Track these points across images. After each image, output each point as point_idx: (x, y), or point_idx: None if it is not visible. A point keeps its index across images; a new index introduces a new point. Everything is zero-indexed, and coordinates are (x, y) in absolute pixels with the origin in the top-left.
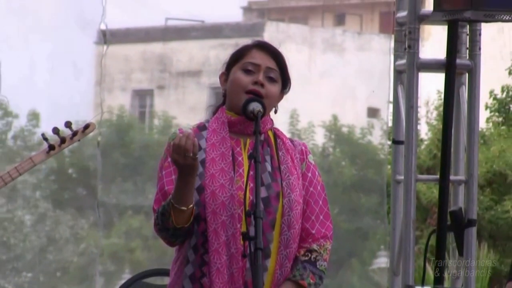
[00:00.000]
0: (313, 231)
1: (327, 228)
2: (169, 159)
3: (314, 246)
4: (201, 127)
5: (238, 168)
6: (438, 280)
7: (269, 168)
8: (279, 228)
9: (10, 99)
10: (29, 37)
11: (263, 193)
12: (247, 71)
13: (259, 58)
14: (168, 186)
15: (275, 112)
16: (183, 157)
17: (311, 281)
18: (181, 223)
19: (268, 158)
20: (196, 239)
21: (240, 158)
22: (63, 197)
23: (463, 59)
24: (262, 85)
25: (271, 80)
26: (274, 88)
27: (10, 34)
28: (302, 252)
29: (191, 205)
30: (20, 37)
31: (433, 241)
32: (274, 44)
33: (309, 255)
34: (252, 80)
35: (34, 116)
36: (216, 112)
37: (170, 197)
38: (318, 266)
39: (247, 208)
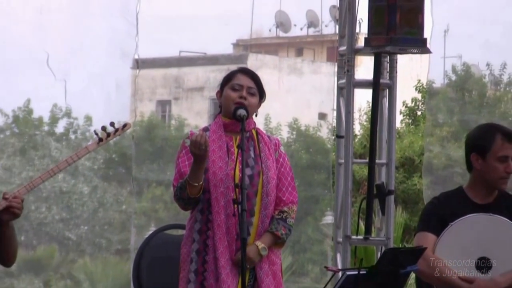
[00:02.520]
0: (284, 198)
1: (294, 196)
2: (184, 151)
3: (285, 208)
4: (205, 129)
5: (230, 155)
6: (368, 231)
7: (252, 155)
8: (260, 195)
9: (72, 106)
10: (86, 63)
11: (248, 171)
12: (234, 90)
13: (242, 80)
14: (184, 169)
15: (256, 115)
16: (198, 149)
17: (283, 232)
18: (193, 194)
19: (252, 148)
20: (202, 204)
21: (232, 149)
22: (109, 174)
23: (384, 79)
24: (245, 98)
25: (251, 94)
26: (254, 100)
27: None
28: (276, 212)
29: (201, 182)
30: (79, 63)
31: (363, 205)
32: (253, 69)
33: (281, 214)
34: (239, 95)
35: (88, 119)
36: (216, 117)
37: (187, 177)
38: (287, 222)
39: (236, 181)
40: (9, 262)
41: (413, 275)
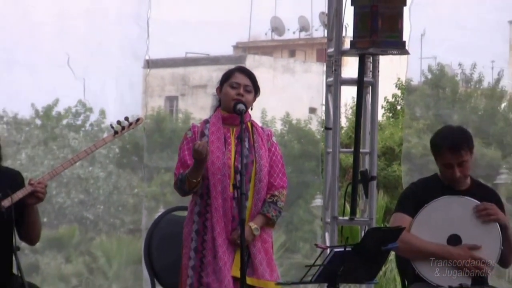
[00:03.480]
0: (275, 183)
1: (284, 181)
2: (185, 142)
3: (276, 193)
4: (206, 121)
5: (228, 146)
6: (353, 212)
7: (247, 145)
8: (253, 182)
9: (90, 102)
10: (102, 63)
11: (244, 160)
12: (233, 87)
13: (240, 78)
14: (185, 159)
15: (251, 109)
16: (199, 156)
17: (273, 214)
18: (191, 188)
19: (246, 139)
20: (201, 190)
21: (229, 140)
22: (123, 162)
23: (368, 77)
24: (242, 95)
25: (248, 91)
26: (250, 96)
27: (91, 62)
28: (268, 196)
29: (199, 179)
30: (96, 63)
31: (349, 189)
32: (251, 68)
33: (273, 198)
34: (236, 92)
35: (102, 113)
36: (215, 111)
37: (187, 173)
38: (278, 205)
39: (235, 164)
40: (34, 241)
41: (393, 252)
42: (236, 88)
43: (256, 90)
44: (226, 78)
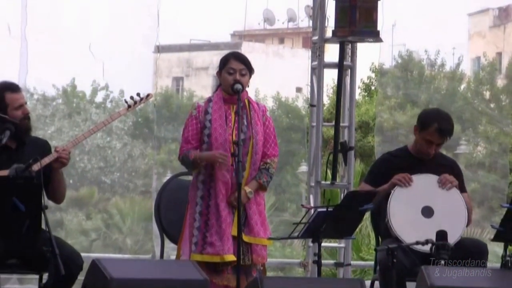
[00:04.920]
0: (268, 153)
1: (275, 151)
2: (190, 119)
3: (268, 160)
4: (209, 99)
5: (228, 122)
6: (333, 177)
7: (245, 122)
8: (250, 154)
9: (109, 82)
10: (119, 48)
11: (242, 136)
12: (230, 73)
13: (235, 64)
14: (188, 138)
15: (248, 86)
16: (214, 163)
17: (264, 179)
18: (197, 168)
19: (244, 116)
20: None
21: (230, 117)
22: (136, 133)
23: (347, 62)
24: (238, 80)
25: (243, 75)
26: (245, 79)
27: (110, 48)
28: (261, 163)
29: (203, 164)
30: (114, 49)
31: (330, 157)
32: (245, 53)
33: (265, 165)
34: (233, 78)
35: (121, 92)
36: (217, 90)
37: (195, 156)
38: (269, 171)
39: (234, 139)
40: (59, 200)
41: (368, 213)
42: (233, 74)
43: (250, 71)
44: (224, 64)
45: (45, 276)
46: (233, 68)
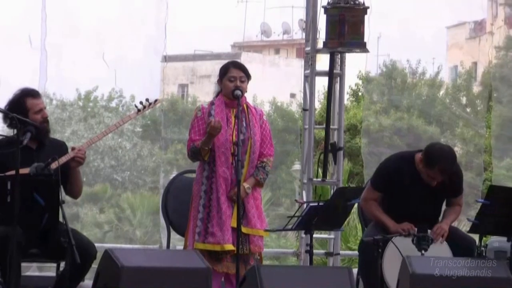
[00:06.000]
0: (264, 152)
1: (271, 151)
2: (195, 120)
3: (265, 159)
4: (211, 103)
5: (229, 124)
6: (324, 175)
7: (244, 124)
8: (248, 153)
9: (121, 89)
10: (130, 58)
11: (241, 136)
12: (230, 81)
13: (235, 72)
14: (194, 137)
15: (246, 92)
16: (214, 131)
17: (261, 176)
18: (205, 154)
19: (243, 119)
20: (209, 159)
21: (230, 119)
22: (145, 135)
23: (337, 70)
24: (239, 86)
25: (242, 81)
26: (244, 85)
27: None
28: (259, 162)
29: (210, 146)
30: (126, 58)
31: (321, 157)
32: (244, 63)
33: (262, 163)
34: (234, 85)
35: (132, 97)
36: (218, 95)
37: (201, 143)
38: (265, 169)
39: (234, 139)
40: (77, 196)
41: (355, 205)
42: (233, 81)
43: (248, 77)
44: (224, 72)
45: (62, 264)
46: (234, 76)
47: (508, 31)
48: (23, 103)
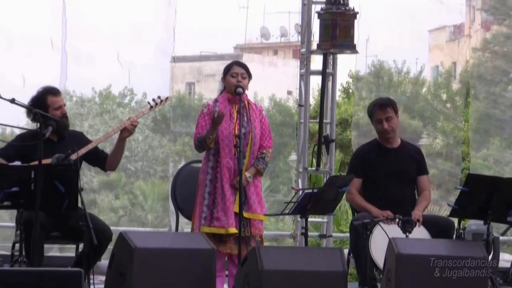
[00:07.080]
0: (264, 144)
1: (270, 143)
2: (202, 115)
3: (264, 151)
4: (216, 100)
5: (232, 119)
6: (318, 164)
7: (246, 119)
8: (249, 145)
9: (134, 87)
10: (142, 58)
11: (243, 130)
12: (233, 77)
13: (237, 69)
14: (200, 131)
15: (247, 89)
16: (218, 120)
17: (261, 166)
18: (210, 143)
19: (245, 114)
20: (214, 150)
21: (233, 115)
22: (155, 128)
23: (329, 69)
24: (240, 81)
25: (244, 78)
26: (246, 81)
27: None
28: (259, 153)
29: (214, 135)
30: (138, 58)
31: (315, 148)
32: (246, 63)
33: (262, 155)
34: (236, 80)
35: (144, 94)
36: (222, 93)
37: (206, 132)
38: (265, 160)
39: (236, 133)
40: (115, 167)
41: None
42: (235, 76)
43: (249, 76)
44: (227, 70)
45: (81, 246)
46: (236, 72)
47: (485, 34)
48: (44, 100)
